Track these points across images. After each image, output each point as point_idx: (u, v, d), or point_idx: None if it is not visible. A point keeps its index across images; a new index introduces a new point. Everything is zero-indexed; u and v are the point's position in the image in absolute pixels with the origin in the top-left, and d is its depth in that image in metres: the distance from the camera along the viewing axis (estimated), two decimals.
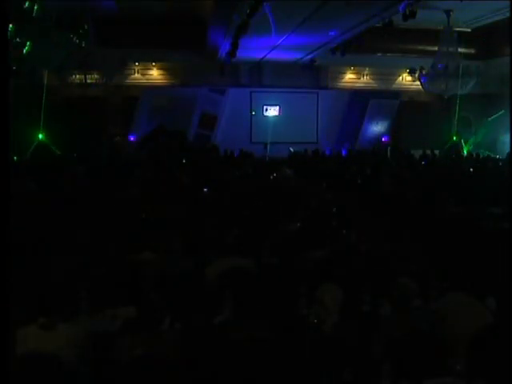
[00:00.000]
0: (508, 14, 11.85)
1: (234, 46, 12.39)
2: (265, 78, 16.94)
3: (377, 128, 18.56)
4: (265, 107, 17.82)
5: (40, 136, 14.65)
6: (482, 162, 14.10)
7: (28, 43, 9.84)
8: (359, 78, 18.14)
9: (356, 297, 3.88)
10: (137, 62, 16.00)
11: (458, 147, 17.30)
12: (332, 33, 12.41)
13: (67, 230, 5.52)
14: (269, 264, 4.87)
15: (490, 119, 16.32)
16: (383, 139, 18.32)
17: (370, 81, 18.16)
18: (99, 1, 12.06)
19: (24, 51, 9.79)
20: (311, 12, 10.36)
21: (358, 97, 18.13)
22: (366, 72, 18.03)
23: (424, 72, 13.73)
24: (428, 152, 16.17)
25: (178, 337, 3.19)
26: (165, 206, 6.90)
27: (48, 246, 4.88)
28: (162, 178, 9.84)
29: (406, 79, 18.10)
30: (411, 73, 16.39)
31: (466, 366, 2.51)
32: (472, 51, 15.88)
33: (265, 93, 17.54)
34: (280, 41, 13.09)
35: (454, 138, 17.79)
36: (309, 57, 15.64)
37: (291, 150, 16.59)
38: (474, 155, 15.42)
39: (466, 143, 17.39)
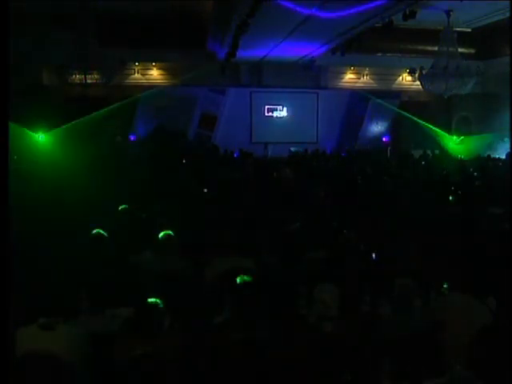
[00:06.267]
0: (508, 14, 11.85)
1: (234, 46, 12.38)
2: (265, 77, 16.94)
3: (377, 128, 18.57)
4: (266, 107, 17.85)
5: (40, 136, 14.66)
6: (482, 162, 14.10)
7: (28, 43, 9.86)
8: (359, 78, 18.14)
9: (356, 297, 3.88)
10: (137, 62, 16.00)
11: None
12: (332, 33, 12.42)
13: (67, 230, 5.52)
14: (269, 264, 4.87)
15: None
16: (383, 139, 18.34)
17: (370, 81, 18.17)
18: (99, 0, 12.06)
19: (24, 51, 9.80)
20: (311, 12, 10.35)
21: (358, 97, 18.14)
22: (366, 72, 18.04)
23: (424, 72, 13.72)
24: (428, 152, 16.18)
25: (178, 337, 3.19)
26: (165, 206, 6.90)
27: (48, 246, 4.88)
28: (161, 178, 9.83)
29: (405, 79, 18.10)
30: (411, 73, 16.36)
31: (466, 366, 2.51)
32: (472, 51, 15.89)
33: (265, 93, 17.54)
34: (280, 41, 13.08)
35: (454, 138, 17.83)
36: (309, 57, 15.64)
37: (291, 150, 16.60)
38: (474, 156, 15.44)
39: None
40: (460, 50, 13.49)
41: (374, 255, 4.84)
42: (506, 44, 13.93)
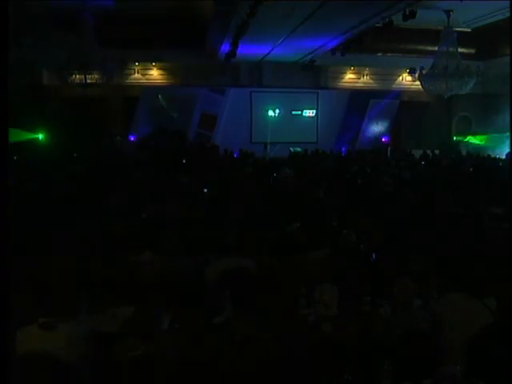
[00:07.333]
0: (508, 14, 11.84)
1: (234, 46, 12.39)
2: (265, 78, 16.94)
3: (377, 128, 18.58)
4: (266, 107, 17.86)
5: (40, 136, 14.66)
6: (482, 162, 14.09)
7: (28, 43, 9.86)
8: (359, 78, 18.13)
9: (356, 297, 3.88)
10: (137, 62, 15.98)
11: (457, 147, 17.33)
12: (332, 33, 12.41)
13: (67, 230, 5.52)
14: (269, 264, 4.88)
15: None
16: (383, 139, 18.34)
17: (370, 81, 18.15)
18: (99, 0, 12.06)
19: (24, 51, 9.79)
20: (311, 12, 10.35)
21: (357, 97, 18.13)
22: (366, 72, 18.02)
23: (424, 72, 13.72)
24: (428, 152, 16.18)
25: (178, 337, 3.19)
26: (165, 206, 6.90)
27: (48, 246, 4.89)
28: (162, 178, 9.84)
29: (405, 79, 18.10)
30: (411, 73, 16.38)
31: (465, 366, 2.51)
32: (472, 51, 15.88)
33: (265, 93, 17.53)
34: (280, 41, 13.08)
35: (455, 139, 17.83)
36: (309, 57, 15.63)
37: (291, 149, 16.60)
38: (474, 155, 15.42)
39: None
40: (460, 50, 13.49)
41: (373, 255, 4.84)
42: (506, 44, 13.92)
